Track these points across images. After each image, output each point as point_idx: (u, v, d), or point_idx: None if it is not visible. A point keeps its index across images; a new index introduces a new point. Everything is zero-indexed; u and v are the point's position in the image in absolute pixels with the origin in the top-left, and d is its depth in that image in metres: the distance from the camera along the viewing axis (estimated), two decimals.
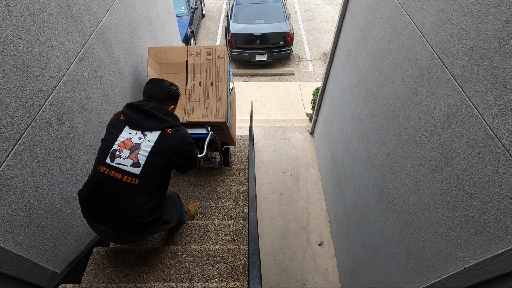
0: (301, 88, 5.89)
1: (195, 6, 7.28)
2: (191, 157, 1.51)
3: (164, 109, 1.46)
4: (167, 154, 1.36)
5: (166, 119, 1.41)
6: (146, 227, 1.35)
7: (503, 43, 0.93)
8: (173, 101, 1.59)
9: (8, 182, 1.16)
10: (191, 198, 2.57)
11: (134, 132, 1.36)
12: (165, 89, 1.53)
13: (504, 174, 0.93)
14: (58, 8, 1.44)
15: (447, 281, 1.20)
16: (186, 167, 1.54)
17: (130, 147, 1.32)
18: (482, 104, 1.02)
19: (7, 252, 1.18)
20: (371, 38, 2.05)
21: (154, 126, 1.37)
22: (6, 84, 1.14)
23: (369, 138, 2.04)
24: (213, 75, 2.28)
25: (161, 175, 1.37)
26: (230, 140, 2.93)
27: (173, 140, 1.38)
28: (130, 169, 1.29)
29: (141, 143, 1.33)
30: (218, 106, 2.22)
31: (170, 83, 1.57)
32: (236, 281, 1.61)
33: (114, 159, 1.30)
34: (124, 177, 1.28)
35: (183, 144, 1.42)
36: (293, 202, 3.53)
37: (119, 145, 1.33)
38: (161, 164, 1.34)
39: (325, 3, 9.32)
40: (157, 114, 1.39)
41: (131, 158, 1.30)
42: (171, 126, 1.41)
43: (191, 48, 2.33)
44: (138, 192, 1.29)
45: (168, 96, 1.54)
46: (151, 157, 1.32)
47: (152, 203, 1.33)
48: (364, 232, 2.13)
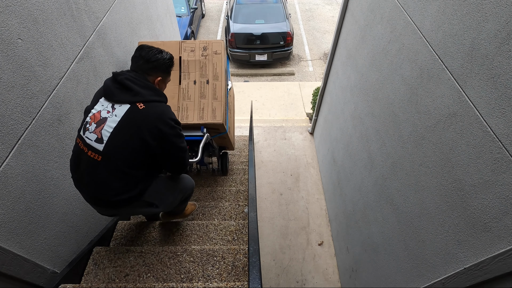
0: (301, 88, 5.89)
1: (195, 6, 7.28)
2: (175, 145, 1.28)
3: (143, 80, 1.26)
4: (137, 133, 1.18)
5: (140, 92, 1.21)
6: (118, 204, 1.27)
7: (503, 43, 0.93)
8: (161, 72, 1.35)
9: (8, 182, 1.16)
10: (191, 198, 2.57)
11: (106, 104, 1.23)
12: (151, 56, 1.30)
13: (504, 174, 0.93)
14: (58, 8, 1.44)
15: (447, 281, 1.20)
16: (173, 158, 1.33)
17: (97, 120, 1.21)
18: (482, 104, 1.02)
19: (7, 252, 1.18)
20: (371, 38, 2.05)
21: (124, 99, 1.20)
22: (6, 84, 1.14)
23: (369, 138, 2.04)
24: (209, 72, 2.09)
25: (132, 155, 1.21)
26: (228, 144, 2.74)
27: (145, 117, 1.19)
28: (94, 144, 1.19)
29: (107, 118, 1.20)
30: (215, 106, 2.03)
31: (160, 50, 1.35)
32: (236, 281, 1.61)
33: (84, 132, 1.22)
34: (88, 152, 1.20)
35: (159, 122, 1.21)
36: (293, 202, 3.53)
37: (90, 117, 1.23)
38: (130, 144, 1.19)
39: (325, 3, 9.32)
40: (130, 85, 1.20)
41: (96, 133, 1.20)
42: (145, 101, 1.21)
43: (185, 43, 2.14)
44: (102, 170, 1.19)
45: (154, 65, 1.31)
46: (116, 134, 1.18)
47: (121, 182, 1.22)
48: (364, 232, 2.13)
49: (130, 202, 1.28)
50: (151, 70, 1.31)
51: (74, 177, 1.30)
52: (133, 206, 1.33)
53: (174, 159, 1.35)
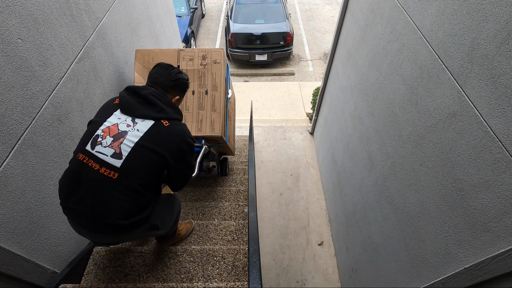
0: (301, 88, 5.89)
1: (195, 6, 7.28)
2: (188, 162, 1.29)
3: (167, 98, 1.27)
4: (159, 150, 1.14)
5: (165, 109, 1.21)
6: (125, 230, 1.16)
7: (503, 43, 0.93)
8: (180, 92, 1.39)
9: (8, 182, 1.17)
10: (191, 198, 2.57)
11: (124, 117, 1.16)
12: (172, 75, 1.33)
13: (504, 174, 0.93)
14: (58, 8, 1.44)
15: (447, 281, 1.20)
16: (181, 176, 1.31)
17: (114, 134, 1.12)
18: (482, 104, 1.02)
19: (7, 252, 1.18)
20: (371, 38, 2.05)
21: (148, 114, 1.17)
22: (6, 84, 1.14)
23: (369, 138, 2.04)
24: (208, 82, 2.04)
25: (148, 175, 1.15)
26: (228, 151, 2.69)
27: (169, 135, 1.17)
28: (109, 159, 1.09)
29: (128, 131, 1.13)
30: (214, 118, 1.98)
31: (179, 70, 1.38)
32: (236, 281, 1.61)
33: (94, 146, 1.11)
34: (101, 169, 1.09)
35: (180, 141, 1.21)
36: (293, 202, 3.53)
37: (103, 130, 1.13)
38: (149, 160, 1.13)
39: (325, 3, 9.32)
40: (155, 101, 1.19)
41: (113, 147, 1.10)
42: (169, 118, 1.20)
43: (184, 52, 2.10)
44: (115, 189, 1.09)
45: (175, 84, 1.34)
46: (137, 149, 1.11)
47: (133, 203, 1.13)
48: (364, 232, 2.13)
49: (139, 225, 1.20)
50: (171, 88, 1.33)
51: (69, 200, 1.13)
52: (138, 231, 1.24)
53: (182, 176, 1.33)
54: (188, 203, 2.43)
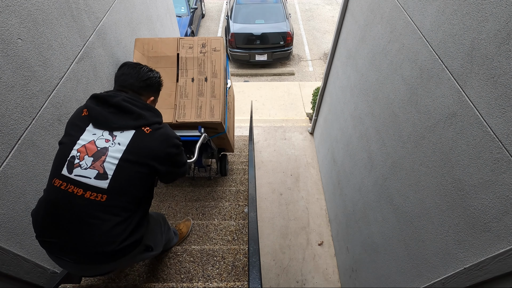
0: (301, 88, 5.89)
1: (195, 6, 7.28)
2: (178, 163, 1.21)
3: (141, 101, 1.15)
4: (146, 160, 1.06)
5: (143, 114, 1.10)
6: (120, 255, 1.06)
7: (503, 43, 0.93)
8: (153, 92, 1.26)
9: (8, 182, 1.17)
10: (191, 198, 2.57)
11: (99, 132, 1.05)
12: (143, 75, 1.20)
13: (504, 174, 0.93)
14: (58, 8, 1.44)
15: (447, 281, 1.20)
16: (172, 175, 1.24)
17: (93, 152, 1.01)
18: (482, 104, 1.02)
19: (7, 252, 1.18)
20: (371, 38, 2.05)
21: (126, 124, 1.06)
22: (6, 84, 1.14)
23: (369, 138, 2.04)
24: (208, 69, 2.02)
25: (139, 189, 1.07)
26: (227, 146, 2.63)
27: (153, 142, 1.08)
28: (94, 182, 0.99)
29: (108, 147, 1.03)
30: (213, 104, 1.95)
31: (149, 68, 1.25)
32: (236, 281, 1.61)
33: (72, 170, 1.00)
34: (86, 193, 0.99)
35: (167, 146, 1.12)
36: (293, 202, 3.53)
37: (79, 150, 1.02)
38: (138, 174, 1.05)
39: (325, 3, 9.32)
40: (131, 108, 1.07)
41: (95, 168, 1.00)
42: (149, 124, 1.10)
43: (184, 40, 2.07)
44: (106, 212, 1.00)
45: (147, 84, 1.21)
46: (122, 165, 1.02)
47: (127, 224, 1.04)
48: (364, 232, 2.13)
49: (133, 247, 1.10)
50: (143, 89, 1.21)
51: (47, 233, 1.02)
52: (134, 253, 1.15)
53: (178, 175, 1.26)
54: (188, 203, 2.43)
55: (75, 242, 1.00)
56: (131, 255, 1.12)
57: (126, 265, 1.31)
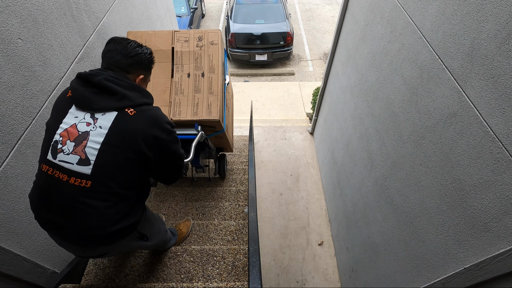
0: (301, 88, 5.89)
1: (195, 6, 7.28)
2: (172, 151, 1.10)
3: (127, 80, 1.05)
4: (130, 145, 0.98)
5: (127, 95, 1.01)
6: (114, 238, 1.05)
7: (503, 43, 0.93)
8: (143, 69, 1.15)
9: (8, 182, 1.17)
10: (191, 198, 2.57)
11: (81, 115, 0.99)
12: (130, 50, 1.09)
13: (504, 174, 0.93)
14: (58, 8, 1.44)
15: (447, 281, 1.20)
16: (168, 168, 1.14)
17: (75, 137, 0.97)
18: (482, 104, 1.02)
19: (7, 252, 1.18)
20: (371, 38, 2.05)
21: (108, 105, 0.99)
22: (6, 84, 1.14)
23: (369, 138, 2.04)
24: (205, 64, 1.90)
25: (127, 174, 1.01)
26: (226, 145, 2.53)
27: (138, 124, 1.00)
28: (77, 168, 0.95)
29: (89, 131, 0.97)
30: (211, 101, 1.83)
31: (138, 43, 1.14)
32: (236, 281, 1.61)
33: (56, 155, 0.97)
34: (70, 179, 0.96)
35: (155, 128, 1.02)
36: (293, 202, 3.53)
37: (61, 134, 0.98)
38: (123, 159, 0.99)
39: (325, 3, 9.32)
40: (113, 88, 0.99)
41: (77, 153, 0.96)
42: (134, 105, 1.02)
43: (179, 33, 1.94)
44: (93, 198, 0.97)
45: (135, 61, 1.10)
46: (105, 150, 0.96)
47: (118, 208, 1.01)
48: (364, 232, 2.13)
49: (128, 232, 1.09)
50: (131, 67, 1.10)
51: (45, 219, 1.03)
52: (127, 240, 1.13)
53: (171, 169, 1.16)
54: (188, 203, 2.43)
55: (68, 226, 0.99)
56: (126, 239, 1.11)
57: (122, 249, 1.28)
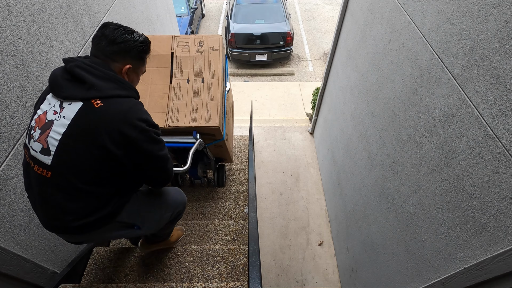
0: (301, 88, 5.89)
1: (195, 6, 7.28)
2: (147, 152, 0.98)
3: (103, 69, 0.95)
4: (94, 140, 0.89)
5: (96, 84, 0.91)
6: (81, 230, 0.99)
7: (503, 43, 0.93)
8: (131, 58, 1.03)
9: (8, 182, 1.17)
10: (191, 198, 2.57)
11: (53, 101, 0.94)
12: (117, 36, 0.98)
13: (504, 174, 0.93)
14: (58, 8, 1.44)
15: (447, 281, 1.20)
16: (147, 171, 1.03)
17: (42, 124, 0.93)
18: (482, 104, 1.02)
19: (7, 252, 1.18)
20: (371, 38, 2.05)
21: (74, 94, 0.91)
22: (6, 84, 1.14)
23: (369, 138, 2.04)
24: (205, 70, 1.85)
25: (93, 171, 0.93)
26: (226, 155, 2.41)
27: (102, 118, 0.90)
28: (40, 156, 0.92)
29: (54, 121, 0.91)
30: (211, 108, 1.76)
31: (130, 29, 1.03)
32: (236, 281, 1.61)
33: (30, 140, 0.96)
34: (35, 167, 0.94)
35: (121, 124, 0.91)
36: (293, 202, 3.53)
37: (35, 120, 0.95)
38: (86, 154, 0.90)
39: (325, 3, 9.32)
40: (83, 76, 0.90)
41: (40, 142, 0.92)
42: (102, 96, 0.92)
43: (179, 38, 1.91)
44: (54, 189, 0.93)
45: (121, 48, 0.99)
46: (66, 142, 0.90)
47: (83, 203, 0.96)
48: (364, 232, 2.13)
49: (98, 226, 1.02)
50: (117, 54, 1.00)
51: (29, 197, 1.05)
52: (104, 230, 1.06)
53: (151, 172, 1.05)
54: (188, 203, 2.43)
55: (40, 211, 1.00)
56: (103, 230, 1.05)
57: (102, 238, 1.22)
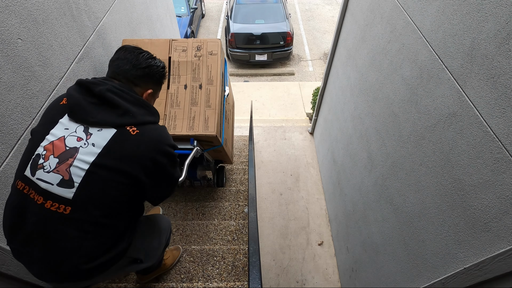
0: (301, 88, 5.89)
1: (195, 6, 7.28)
2: (168, 174, 0.98)
3: (133, 94, 0.94)
4: (125, 168, 0.85)
5: (131, 110, 0.89)
6: (91, 274, 0.88)
7: (503, 43, 0.93)
8: (153, 84, 1.05)
9: (8, 182, 1.16)
10: (191, 198, 2.56)
11: (73, 126, 0.86)
12: (142, 61, 0.99)
13: (504, 174, 0.93)
14: (58, 8, 1.44)
15: (447, 281, 1.20)
16: (160, 193, 1.02)
17: (60, 152, 0.83)
18: (482, 104, 1.02)
19: (7, 252, 1.17)
20: (371, 38, 2.05)
21: (106, 120, 0.86)
22: (6, 84, 1.14)
23: (369, 138, 2.04)
24: (203, 76, 1.80)
25: (115, 202, 0.87)
26: (225, 158, 2.41)
27: (139, 147, 0.87)
28: (56, 189, 0.81)
29: (79, 148, 0.84)
30: (208, 115, 1.73)
31: (150, 54, 1.05)
32: (236, 281, 1.61)
33: (35, 171, 0.83)
34: (47, 203, 0.81)
35: (157, 153, 0.90)
36: (293, 202, 3.53)
37: (46, 147, 0.84)
38: (114, 184, 0.85)
39: (325, 3, 9.32)
40: (117, 100, 0.87)
41: (60, 172, 0.82)
42: (137, 123, 0.90)
43: (176, 42, 1.86)
44: (70, 227, 0.82)
45: (146, 73, 1.00)
46: (94, 171, 0.83)
47: (98, 241, 0.87)
48: (364, 232, 2.13)
49: (109, 265, 0.92)
50: (141, 79, 1.00)
51: (15, 243, 0.87)
52: (111, 271, 0.96)
53: (166, 192, 1.05)
54: (188, 203, 2.43)
55: (40, 257, 0.84)
56: (111, 270, 0.95)
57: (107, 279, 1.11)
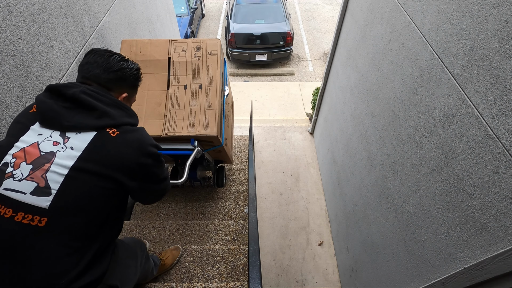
0: (301, 88, 5.89)
1: (195, 6, 7.28)
2: (154, 177, 0.95)
3: (109, 95, 0.90)
4: (108, 172, 0.81)
5: (109, 112, 0.85)
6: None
7: (503, 43, 0.93)
8: (127, 87, 0.99)
9: None
10: (191, 198, 2.56)
11: (47, 132, 0.80)
12: (113, 64, 0.94)
13: (504, 174, 0.93)
14: (58, 8, 1.44)
15: (447, 281, 1.20)
16: (149, 193, 0.98)
17: (34, 158, 0.77)
18: (482, 104, 1.02)
19: None
20: (371, 38, 2.05)
21: (84, 123, 0.81)
22: (6, 84, 1.14)
23: (369, 138, 2.04)
24: (203, 76, 1.81)
25: (99, 210, 0.81)
26: (225, 158, 2.42)
27: (121, 148, 0.84)
28: (30, 199, 0.74)
29: (56, 152, 0.78)
30: (209, 115, 1.74)
31: (122, 57, 0.99)
32: (236, 281, 1.61)
33: (1, 181, 0.75)
34: (17, 215, 0.73)
35: (140, 155, 0.87)
36: (293, 202, 3.53)
37: (15, 155, 0.77)
38: (96, 189, 0.79)
39: (325, 3, 9.32)
40: (92, 103, 0.83)
41: (34, 179, 0.75)
42: (117, 124, 0.86)
43: (176, 42, 1.85)
44: (47, 241, 0.74)
45: (118, 76, 0.95)
46: (75, 177, 0.77)
47: (79, 257, 0.78)
48: (364, 232, 2.13)
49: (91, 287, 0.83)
50: (114, 83, 0.95)
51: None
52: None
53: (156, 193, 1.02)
54: (188, 203, 2.43)
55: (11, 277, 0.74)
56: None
57: None
